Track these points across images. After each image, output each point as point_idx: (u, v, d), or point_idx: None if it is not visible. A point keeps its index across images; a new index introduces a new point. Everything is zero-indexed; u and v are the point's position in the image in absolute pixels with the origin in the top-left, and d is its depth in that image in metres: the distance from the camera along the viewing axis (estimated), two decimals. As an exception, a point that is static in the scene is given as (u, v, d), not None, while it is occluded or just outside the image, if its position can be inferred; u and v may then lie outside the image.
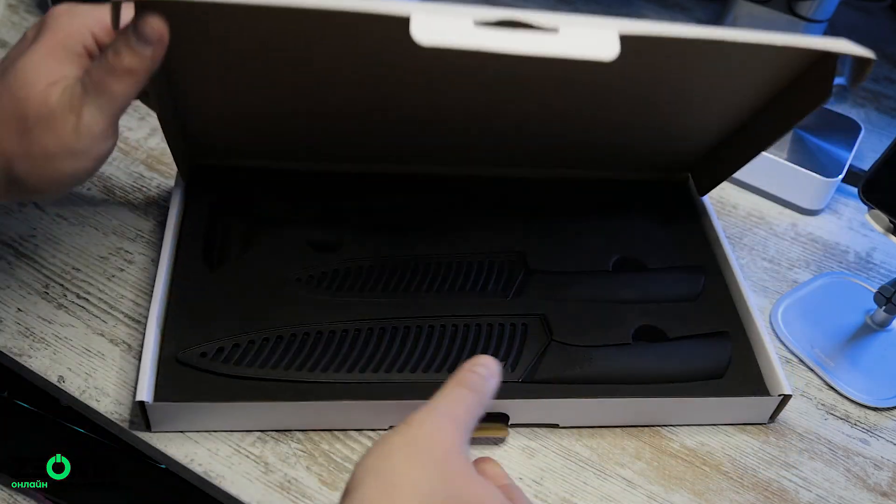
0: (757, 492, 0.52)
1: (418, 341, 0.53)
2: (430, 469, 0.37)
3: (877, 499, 0.53)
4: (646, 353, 0.55)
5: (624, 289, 0.59)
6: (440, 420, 0.39)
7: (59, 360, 0.53)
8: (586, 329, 0.55)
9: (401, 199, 0.62)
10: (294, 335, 0.52)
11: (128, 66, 0.42)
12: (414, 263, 0.58)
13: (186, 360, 0.50)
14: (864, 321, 0.63)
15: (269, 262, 0.57)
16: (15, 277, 0.57)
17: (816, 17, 0.80)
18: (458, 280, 0.58)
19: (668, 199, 0.66)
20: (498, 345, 0.54)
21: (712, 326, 0.57)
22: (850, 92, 0.87)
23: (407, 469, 0.36)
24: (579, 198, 0.65)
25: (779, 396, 0.53)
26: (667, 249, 0.62)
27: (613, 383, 0.53)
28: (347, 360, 0.52)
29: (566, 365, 0.53)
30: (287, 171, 0.62)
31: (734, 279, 0.59)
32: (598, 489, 0.51)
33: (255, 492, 0.49)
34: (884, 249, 0.70)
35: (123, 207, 0.63)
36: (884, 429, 0.57)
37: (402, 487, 0.36)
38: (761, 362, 0.55)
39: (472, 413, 0.40)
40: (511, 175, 0.65)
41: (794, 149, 0.71)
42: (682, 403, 0.53)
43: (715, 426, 0.55)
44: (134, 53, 0.42)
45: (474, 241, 0.60)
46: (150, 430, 0.50)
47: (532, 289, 0.58)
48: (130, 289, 0.58)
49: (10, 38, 0.77)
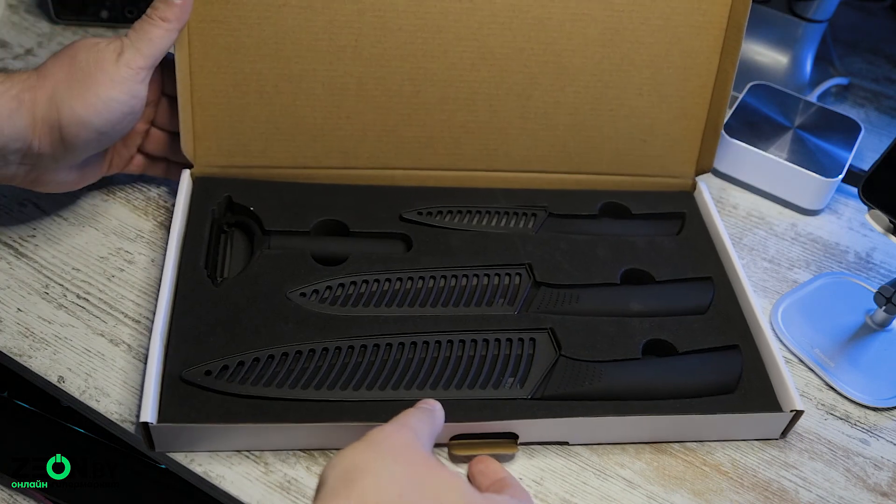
0: (757, 492, 0.52)
1: (426, 357, 0.52)
2: (389, 460, 0.39)
3: (877, 499, 0.53)
4: (656, 368, 0.54)
5: (633, 301, 0.58)
6: (397, 426, 0.43)
7: (59, 360, 0.53)
8: (595, 343, 0.54)
9: (407, 211, 0.62)
10: (300, 352, 0.51)
11: (162, 14, 0.53)
12: (420, 277, 0.57)
13: (191, 378, 0.49)
14: (864, 321, 0.63)
15: (272, 276, 0.56)
16: (15, 277, 0.57)
17: (816, 17, 0.80)
18: (465, 294, 0.57)
19: (675, 208, 0.66)
20: (506, 360, 0.53)
21: (722, 340, 0.56)
22: (850, 92, 0.87)
23: (368, 461, 0.39)
24: (586, 208, 0.64)
25: (791, 412, 0.53)
26: (675, 260, 0.61)
27: (623, 399, 0.52)
28: (354, 378, 0.51)
29: (575, 381, 0.52)
30: (291, 183, 0.62)
31: (743, 291, 0.59)
32: (598, 489, 0.51)
33: (255, 492, 0.49)
34: (884, 249, 0.70)
35: (123, 207, 0.63)
36: (884, 429, 0.57)
37: (364, 476, 0.38)
38: (772, 376, 0.55)
39: (425, 423, 0.45)
40: (518, 185, 0.65)
41: (794, 149, 0.71)
42: (694, 421, 0.52)
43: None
44: (167, 4, 0.54)
45: (481, 253, 0.59)
46: (154, 450, 0.49)
47: (539, 302, 0.57)
48: (130, 289, 0.58)
49: (10, 38, 0.77)
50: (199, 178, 0.61)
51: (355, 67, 0.59)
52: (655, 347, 0.56)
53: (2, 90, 0.50)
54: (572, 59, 0.61)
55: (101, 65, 0.51)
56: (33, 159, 0.52)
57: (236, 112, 0.59)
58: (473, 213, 0.63)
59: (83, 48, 0.52)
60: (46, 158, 0.52)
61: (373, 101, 0.60)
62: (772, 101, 0.76)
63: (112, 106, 0.52)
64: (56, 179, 0.55)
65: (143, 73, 0.53)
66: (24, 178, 0.54)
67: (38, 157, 0.52)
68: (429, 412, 0.46)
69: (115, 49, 0.52)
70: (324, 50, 0.58)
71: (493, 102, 0.62)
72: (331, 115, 0.61)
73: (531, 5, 0.59)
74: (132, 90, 0.52)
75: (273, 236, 0.59)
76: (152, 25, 0.53)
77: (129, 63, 0.52)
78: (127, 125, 0.54)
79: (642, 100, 0.63)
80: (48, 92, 0.51)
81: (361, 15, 0.57)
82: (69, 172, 0.56)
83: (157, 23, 0.53)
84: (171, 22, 0.54)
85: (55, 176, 0.55)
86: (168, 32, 0.54)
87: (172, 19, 0.54)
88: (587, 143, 0.64)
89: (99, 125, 0.52)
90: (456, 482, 0.40)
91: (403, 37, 0.58)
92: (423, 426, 0.44)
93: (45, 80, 0.51)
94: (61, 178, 0.55)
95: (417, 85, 0.60)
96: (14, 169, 0.52)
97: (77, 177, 0.57)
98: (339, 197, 0.62)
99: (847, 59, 0.91)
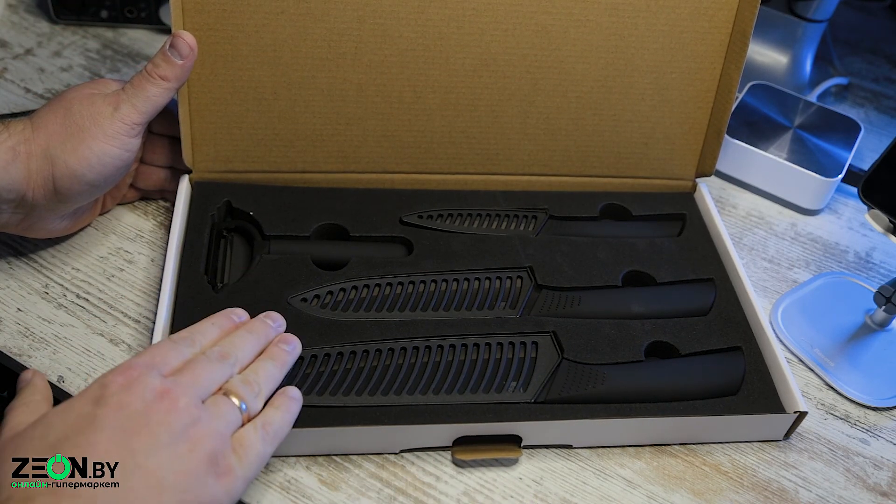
0: (756, 492, 0.52)
1: (428, 361, 0.52)
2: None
3: (877, 499, 0.53)
4: (659, 370, 0.54)
5: (634, 304, 0.58)
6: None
7: (59, 360, 0.53)
8: (597, 346, 0.54)
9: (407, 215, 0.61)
10: (301, 358, 0.51)
11: (162, 73, 0.53)
12: (421, 281, 0.57)
13: None
14: (863, 321, 0.63)
15: (273, 282, 0.55)
16: (15, 277, 0.57)
17: (816, 17, 0.80)
18: (467, 297, 0.57)
19: (675, 210, 0.66)
20: (509, 364, 0.53)
21: (724, 342, 0.56)
22: (849, 92, 0.87)
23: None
24: (586, 210, 0.64)
25: (794, 413, 0.53)
26: (676, 261, 0.61)
27: (627, 402, 0.52)
28: (356, 383, 0.51)
29: (578, 384, 0.52)
30: (291, 188, 0.62)
31: (745, 293, 0.59)
32: (598, 489, 0.51)
33: (255, 492, 0.49)
34: (883, 249, 0.70)
35: (123, 207, 0.63)
36: (883, 429, 0.57)
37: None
38: (775, 378, 0.55)
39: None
40: (518, 188, 0.65)
41: (793, 149, 0.71)
42: (697, 423, 0.52)
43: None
44: (169, 63, 0.53)
45: (482, 256, 0.59)
46: None
47: (541, 305, 0.57)
48: (130, 289, 0.58)
49: (9, 38, 0.77)
50: (197, 184, 0.61)
51: (355, 74, 0.59)
52: (658, 350, 0.56)
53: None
54: (575, 65, 0.61)
55: (96, 119, 0.51)
56: (27, 209, 0.52)
57: (235, 119, 0.59)
58: (474, 216, 0.62)
59: (77, 100, 0.52)
60: (40, 208, 0.53)
61: (373, 107, 0.60)
62: (772, 101, 0.76)
63: (105, 160, 0.52)
64: (48, 227, 0.55)
65: (137, 128, 0.53)
66: (18, 226, 0.54)
67: (31, 206, 0.52)
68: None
69: (111, 103, 0.52)
70: (323, 57, 0.58)
71: (495, 108, 0.62)
72: (330, 122, 0.61)
73: (535, 12, 0.58)
74: (126, 144, 0.52)
75: (273, 241, 0.58)
76: (151, 84, 0.52)
77: (124, 118, 0.52)
78: (119, 176, 0.54)
79: (645, 104, 0.63)
80: (42, 145, 0.50)
81: (362, 23, 0.57)
82: (62, 220, 0.56)
83: (156, 81, 0.52)
84: (171, 82, 0.53)
85: (48, 224, 0.55)
86: (166, 91, 0.53)
87: (172, 79, 0.53)
88: (588, 146, 0.64)
89: (92, 178, 0.52)
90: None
91: (404, 44, 0.58)
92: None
93: (40, 131, 0.51)
94: (54, 225, 0.56)
95: (418, 91, 0.60)
96: (7, 217, 0.53)
97: (70, 223, 0.57)
98: (339, 201, 0.61)
99: (847, 59, 0.91)
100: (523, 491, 0.50)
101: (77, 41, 0.78)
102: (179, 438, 0.38)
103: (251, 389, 0.43)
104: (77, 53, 0.77)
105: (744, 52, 0.61)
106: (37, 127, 0.51)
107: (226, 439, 0.40)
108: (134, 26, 0.80)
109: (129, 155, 0.53)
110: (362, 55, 0.58)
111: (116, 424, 0.38)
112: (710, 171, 0.66)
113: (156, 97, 0.53)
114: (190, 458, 0.38)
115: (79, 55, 0.76)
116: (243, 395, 0.42)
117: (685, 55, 0.61)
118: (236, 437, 0.41)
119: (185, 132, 0.59)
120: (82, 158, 0.51)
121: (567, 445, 0.53)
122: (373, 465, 0.50)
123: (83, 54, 0.77)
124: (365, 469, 0.50)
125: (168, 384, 0.40)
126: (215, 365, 0.43)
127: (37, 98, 0.71)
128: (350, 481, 0.49)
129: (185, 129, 0.59)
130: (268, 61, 0.58)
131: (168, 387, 0.40)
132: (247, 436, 0.42)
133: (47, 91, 0.72)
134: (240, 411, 0.42)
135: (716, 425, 0.53)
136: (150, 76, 0.52)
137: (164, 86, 0.53)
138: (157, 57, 0.53)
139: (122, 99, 0.52)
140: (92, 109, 0.51)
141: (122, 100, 0.52)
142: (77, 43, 0.78)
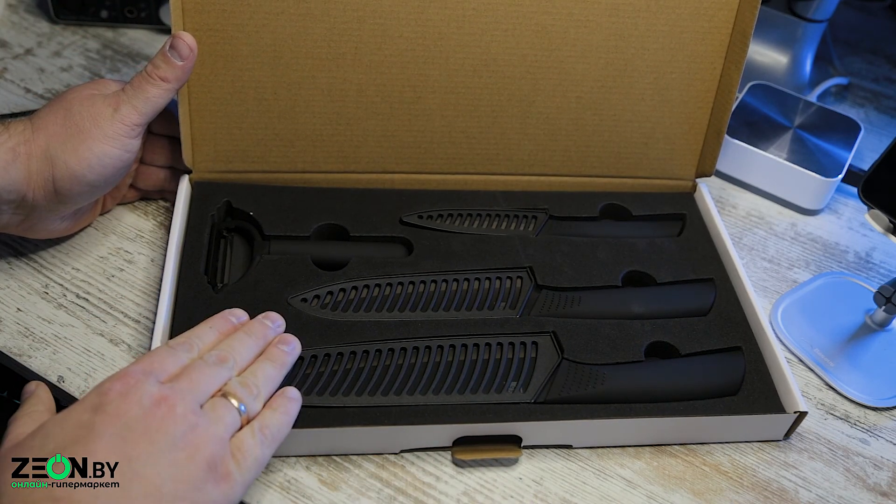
0: (756, 492, 0.52)
1: (427, 362, 0.52)
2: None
3: (876, 499, 0.53)
4: (659, 370, 0.54)
5: (634, 304, 0.58)
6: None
7: (59, 360, 0.53)
8: (597, 346, 0.54)
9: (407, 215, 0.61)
10: (301, 358, 0.51)
11: (162, 74, 0.52)
12: (421, 281, 0.57)
13: None
14: (863, 321, 0.63)
15: (273, 282, 0.55)
16: (15, 277, 0.57)
17: (816, 17, 0.80)
18: (467, 297, 0.57)
19: (675, 210, 0.66)
20: (509, 364, 0.53)
21: (724, 342, 0.56)
22: (849, 92, 0.87)
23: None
24: (586, 210, 0.64)
25: (794, 413, 0.53)
26: (676, 261, 0.61)
27: (627, 402, 0.52)
28: (357, 383, 0.50)
29: (578, 384, 0.52)
30: (291, 188, 0.62)
31: (745, 293, 0.59)
32: (598, 489, 0.51)
33: (255, 492, 0.49)
34: (883, 249, 0.70)
35: (123, 207, 0.63)
36: (883, 429, 0.57)
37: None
38: (775, 378, 0.55)
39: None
40: (518, 188, 0.65)
41: (793, 149, 0.71)
42: (698, 423, 0.52)
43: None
44: (168, 64, 0.53)
45: (482, 256, 0.59)
46: None
47: (541, 305, 0.57)
48: (130, 288, 0.58)
49: (9, 38, 0.77)
50: (197, 184, 0.61)
51: (355, 74, 0.59)
52: (658, 350, 0.56)
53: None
54: (576, 66, 0.61)
55: (96, 120, 0.51)
56: (27, 210, 0.52)
57: (235, 119, 0.59)
58: (474, 217, 0.62)
59: (78, 100, 0.52)
60: (40, 209, 0.53)
61: (373, 107, 0.60)
62: (772, 101, 0.76)
63: (105, 161, 0.52)
64: (49, 228, 0.56)
65: (137, 129, 0.53)
66: (18, 227, 0.54)
67: (31, 207, 0.52)
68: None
69: (111, 104, 0.52)
70: (323, 57, 0.58)
71: (495, 108, 0.62)
72: (330, 122, 0.61)
73: (535, 12, 0.58)
74: (126, 145, 0.52)
75: (273, 241, 0.58)
76: (151, 84, 0.52)
77: (124, 119, 0.52)
78: (119, 177, 0.54)
79: (645, 104, 0.63)
80: (42, 146, 0.50)
81: (361, 23, 0.57)
82: (62, 221, 0.56)
83: (156, 82, 0.52)
84: (171, 83, 0.53)
85: (48, 225, 0.55)
86: (166, 92, 0.53)
87: (172, 80, 0.53)
88: (588, 146, 0.64)
89: (92, 179, 0.52)
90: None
91: (404, 44, 0.58)
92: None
93: (40, 132, 0.51)
94: (54, 226, 0.56)
95: (418, 91, 0.60)
96: (7, 218, 0.53)
97: (70, 224, 0.57)
98: (339, 201, 0.61)
99: (847, 59, 0.91)
100: (523, 491, 0.50)
101: (77, 41, 0.78)
102: (177, 445, 0.38)
103: (250, 391, 0.43)
104: (77, 53, 0.77)
105: (744, 53, 0.61)
106: (37, 128, 0.51)
107: (224, 444, 0.40)
108: (134, 26, 0.80)
109: (129, 156, 0.53)
110: (362, 55, 0.58)
111: (114, 432, 0.38)
112: (710, 171, 0.66)
113: (156, 98, 0.53)
114: (188, 465, 0.38)
115: (79, 55, 0.76)
116: (242, 397, 0.42)
117: (685, 55, 0.61)
118: (235, 441, 0.41)
119: (185, 132, 0.59)
120: (82, 159, 0.51)
121: (567, 445, 0.53)
122: (373, 465, 0.50)
123: (83, 54, 0.77)
124: (365, 469, 0.50)
125: (165, 391, 0.40)
126: (213, 369, 0.43)
127: (37, 98, 0.71)
128: (350, 481, 0.49)
129: (185, 129, 0.59)
130: (268, 61, 0.58)
131: (165, 393, 0.40)
132: (245, 440, 0.42)
133: (47, 91, 0.72)
134: (239, 413, 0.42)
135: (716, 425, 0.53)
136: (150, 77, 0.53)
137: (165, 87, 0.53)
138: (157, 58, 0.53)
139: (123, 100, 0.52)
140: (92, 110, 0.51)
141: (122, 101, 0.52)
142: (77, 43, 0.78)
